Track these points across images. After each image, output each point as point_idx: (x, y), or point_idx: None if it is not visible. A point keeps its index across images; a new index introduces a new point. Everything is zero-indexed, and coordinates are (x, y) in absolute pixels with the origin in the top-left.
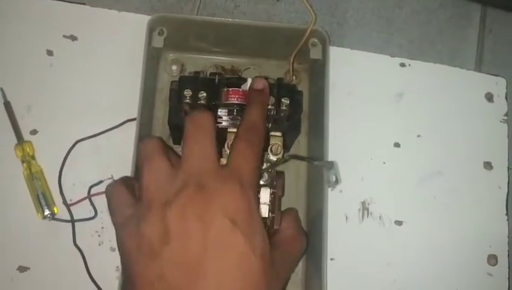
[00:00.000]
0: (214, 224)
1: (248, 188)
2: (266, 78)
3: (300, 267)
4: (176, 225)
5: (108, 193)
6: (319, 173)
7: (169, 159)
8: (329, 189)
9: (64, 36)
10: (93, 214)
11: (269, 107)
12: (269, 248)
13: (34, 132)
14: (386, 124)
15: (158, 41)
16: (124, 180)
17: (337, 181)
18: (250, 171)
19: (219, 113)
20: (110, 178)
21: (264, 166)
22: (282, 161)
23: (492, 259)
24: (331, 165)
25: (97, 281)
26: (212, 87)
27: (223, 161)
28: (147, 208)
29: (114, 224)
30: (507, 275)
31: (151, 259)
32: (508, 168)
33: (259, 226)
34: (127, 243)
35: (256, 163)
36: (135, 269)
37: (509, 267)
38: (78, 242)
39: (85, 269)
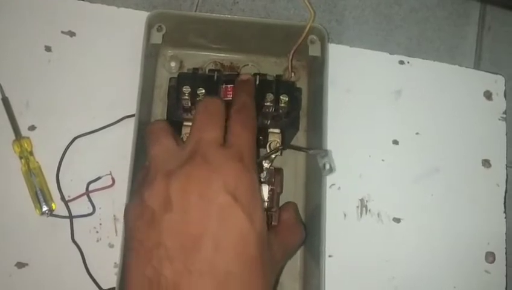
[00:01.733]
0: (215, 198)
1: (250, 167)
2: (265, 75)
3: (298, 263)
4: (178, 196)
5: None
6: (318, 170)
7: (176, 139)
8: (324, 175)
9: (62, 32)
10: (91, 210)
11: (268, 104)
12: (267, 229)
13: (32, 128)
14: (384, 121)
15: (157, 38)
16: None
17: (331, 169)
18: (249, 151)
19: None
20: (109, 174)
21: (265, 163)
22: (276, 150)
23: (490, 256)
24: (326, 153)
25: (95, 277)
26: (210, 84)
27: None
28: (153, 176)
29: (131, 194)
30: (505, 273)
31: (151, 226)
32: (506, 166)
33: (259, 205)
34: (131, 210)
35: (253, 142)
36: (136, 236)
37: (506, 265)
38: (76, 238)
39: (83, 265)
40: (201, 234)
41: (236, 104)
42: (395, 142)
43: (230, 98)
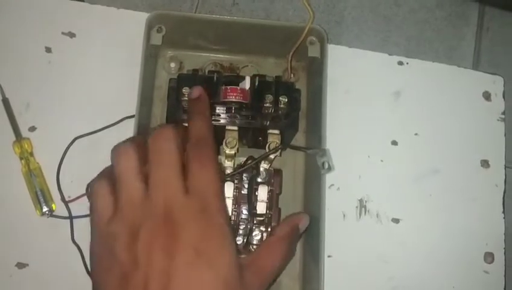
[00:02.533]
0: (178, 255)
1: (215, 213)
2: (264, 76)
3: (298, 264)
4: (143, 254)
5: (93, 190)
6: (317, 171)
7: (143, 175)
8: (323, 174)
9: (62, 33)
10: None
11: (267, 105)
12: (237, 273)
13: (32, 129)
14: (383, 122)
15: (156, 39)
16: (110, 176)
17: (329, 168)
18: (213, 193)
19: (217, 111)
20: None
21: (264, 163)
22: (276, 150)
23: (489, 257)
24: (324, 152)
25: None
26: (210, 85)
27: (221, 158)
28: (121, 229)
29: (92, 226)
30: (503, 273)
31: (119, 281)
32: (505, 167)
33: (225, 251)
34: (99, 263)
35: (215, 180)
36: (104, 285)
37: (505, 265)
38: (76, 239)
39: (83, 266)
40: None
41: (191, 139)
42: (394, 142)
43: (231, 100)
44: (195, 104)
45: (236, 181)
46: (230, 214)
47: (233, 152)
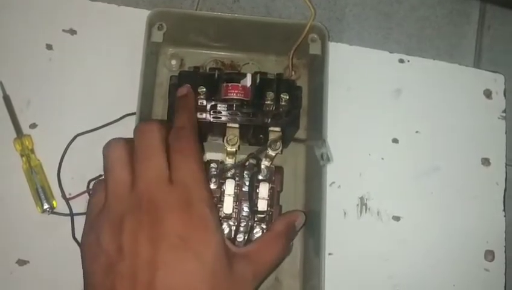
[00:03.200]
0: (163, 243)
1: (198, 201)
2: (265, 74)
3: (298, 261)
4: (128, 244)
5: (94, 187)
6: (318, 168)
7: (130, 169)
8: (322, 165)
9: (63, 30)
10: None
11: (268, 102)
12: (224, 262)
13: (33, 126)
14: (384, 119)
15: (158, 36)
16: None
17: (328, 159)
18: (195, 183)
19: (218, 108)
20: None
21: (265, 161)
22: (275, 141)
23: (489, 255)
24: (323, 143)
25: None
26: (211, 83)
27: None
28: (106, 220)
29: (85, 218)
30: (504, 271)
31: (106, 272)
32: (506, 165)
33: (211, 239)
34: (88, 250)
35: (198, 170)
36: (93, 279)
37: (505, 263)
38: (77, 236)
39: None
40: (152, 280)
41: (173, 131)
42: (395, 140)
43: (232, 97)
44: (181, 101)
45: (237, 178)
46: (231, 211)
47: (234, 149)
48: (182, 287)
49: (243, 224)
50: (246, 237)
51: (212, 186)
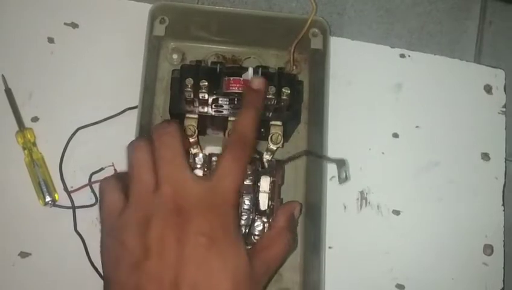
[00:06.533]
0: (190, 243)
1: (229, 207)
2: (267, 68)
3: (299, 255)
4: (155, 243)
5: (102, 188)
6: (318, 163)
7: (154, 168)
8: (340, 183)
9: (65, 24)
10: (93, 201)
11: (270, 96)
12: (246, 264)
13: (35, 119)
14: (385, 114)
15: (159, 30)
16: (119, 177)
17: (346, 177)
18: (233, 190)
19: (220, 102)
20: (111, 165)
21: (266, 155)
22: (298, 156)
23: (488, 249)
24: (344, 162)
25: (97, 267)
26: (213, 76)
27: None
28: (131, 221)
29: (102, 222)
30: (502, 265)
31: (131, 270)
32: (505, 160)
33: (236, 242)
34: (109, 252)
35: (241, 181)
36: (115, 276)
37: (504, 257)
38: (78, 228)
39: (86, 255)
40: (179, 281)
41: (236, 134)
42: (395, 135)
43: (234, 91)
44: (251, 95)
45: None
46: None
47: None
48: (207, 285)
49: (244, 217)
50: (247, 231)
51: None
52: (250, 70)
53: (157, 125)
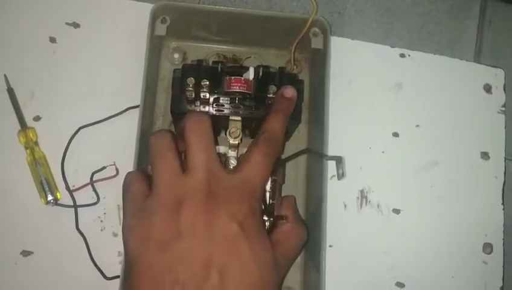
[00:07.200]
0: (222, 228)
1: (257, 199)
2: (268, 67)
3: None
4: (187, 226)
5: (128, 179)
6: (319, 162)
7: (180, 159)
8: (338, 180)
9: (67, 23)
10: (95, 199)
11: (270, 96)
12: (271, 253)
13: (37, 118)
14: (385, 113)
15: (161, 30)
16: (139, 169)
17: (343, 174)
18: (260, 184)
19: (221, 101)
20: (113, 164)
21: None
22: (298, 154)
23: (488, 248)
24: (340, 159)
25: (99, 265)
26: (214, 76)
27: (220, 148)
28: (160, 203)
29: (125, 211)
30: (502, 264)
31: (161, 251)
32: (505, 159)
33: (262, 233)
34: (136, 233)
35: (268, 176)
36: (142, 256)
37: (504, 256)
38: (80, 227)
39: (88, 254)
40: (209, 263)
41: (268, 132)
42: (396, 134)
43: (235, 90)
44: (284, 102)
45: None
46: None
47: (236, 142)
48: (236, 270)
49: None
50: None
51: None
52: (251, 70)
53: (191, 114)
